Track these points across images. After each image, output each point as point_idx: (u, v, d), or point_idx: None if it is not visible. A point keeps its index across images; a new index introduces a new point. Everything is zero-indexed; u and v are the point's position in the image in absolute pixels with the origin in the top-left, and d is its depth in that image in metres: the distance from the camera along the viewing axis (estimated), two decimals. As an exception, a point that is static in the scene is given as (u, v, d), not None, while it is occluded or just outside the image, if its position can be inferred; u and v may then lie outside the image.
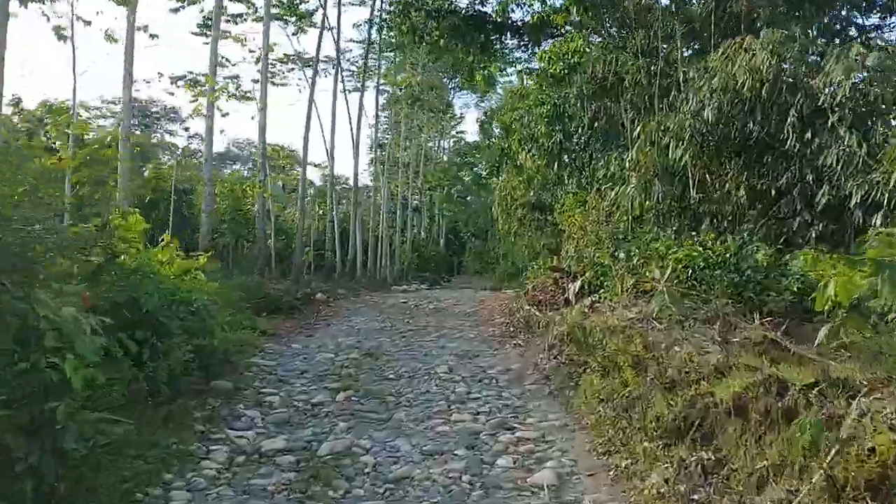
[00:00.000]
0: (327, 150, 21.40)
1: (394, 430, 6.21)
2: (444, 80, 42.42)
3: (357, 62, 28.54)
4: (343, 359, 9.25)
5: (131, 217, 6.47)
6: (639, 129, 11.22)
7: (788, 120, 9.26)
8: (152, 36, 9.45)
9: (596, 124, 15.34)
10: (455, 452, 5.62)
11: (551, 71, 14.65)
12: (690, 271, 8.81)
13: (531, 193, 27.73)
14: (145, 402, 5.93)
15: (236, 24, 21.09)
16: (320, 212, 30.39)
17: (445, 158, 51.50)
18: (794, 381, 5.09)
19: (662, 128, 10.69)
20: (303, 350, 9.98)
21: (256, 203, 16.42)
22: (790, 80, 9.35)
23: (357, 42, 30.32)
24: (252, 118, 15.40)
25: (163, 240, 7.97)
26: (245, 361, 8.72)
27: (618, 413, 6.10)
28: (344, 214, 29.11)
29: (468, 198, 61.36)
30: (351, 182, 26.49)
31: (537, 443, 5.92)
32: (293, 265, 18.35)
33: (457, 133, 52.14)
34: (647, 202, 11.02)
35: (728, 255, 8.87)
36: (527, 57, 24.29)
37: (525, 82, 23.58)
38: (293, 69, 30.75)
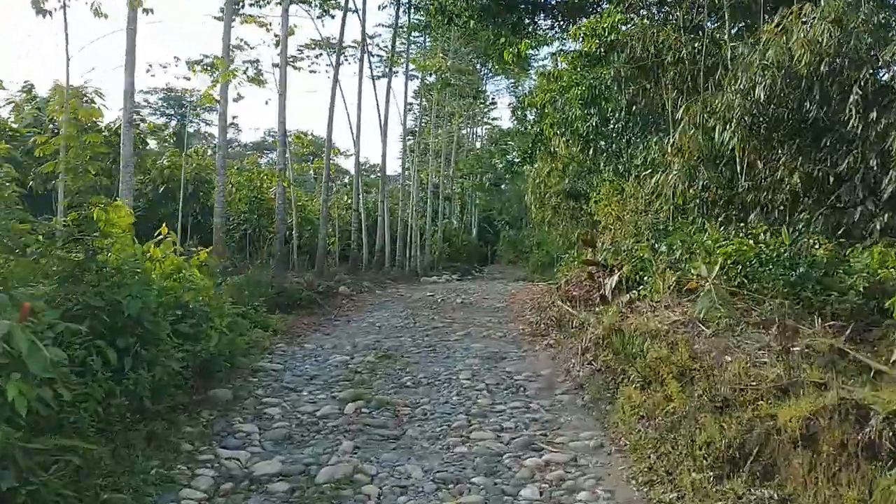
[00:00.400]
0: (354, 137, 20.77)
1: (405, 451, 5.52)
2: (476, 65, 41.61)
3: (385, 46, 27.77)
4: (358, 361, 8.59)
5: (114, 209, 5.82)
6: (682, 111, 10.32)
7: (851, 98, 8.31)
8: (146, 10, 8.72)
9: (634, 107, 14.43)
10: (472, 480, 4.92)
11: (586, 49, 13.74)
12: (740, 268, 7.95)
13: (565, 181, 26.84)
14: (125, 420, 5.31)
15: (260, 7, 20.50)
16: (349, 201, 29.85)
17: (478, 146, 50.67)
18: (875, 406, 4.27)
19: (708, 109, 9.79)
20: (316, 351, 9.34)
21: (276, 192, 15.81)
22: (853, 53, 8.38)
23: (385, 26, 29.56)
24: (267, 103, 14.78)
25: (159, 234, 7.36)
26: (251, 365, 8.11)
27: (661, 434, 5.32)
28: (373, 204, 28.52)
29: (502, 185, 60.57)
30: (386, 171, 25.80)
31: (568, 468, 5.19)
32: (317, 257, 17.76)
33: (489, 119, 51.27)
34: (691, 190, 10.14)
35: (783, 250, 7.98)
36: (561, 38, 23.38)
37: (559, 64, 22.65)
38: (321, 55, 30.26)
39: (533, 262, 36.76)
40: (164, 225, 7.43)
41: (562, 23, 22.20)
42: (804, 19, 8.54)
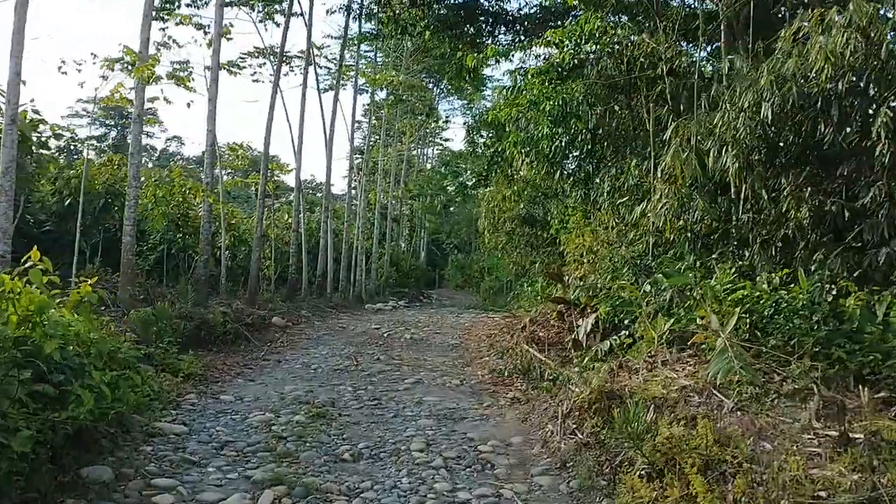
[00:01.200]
0: (295, 151, 19.14)
1: (336, 579, 3.95)
2: (429, 84, 40.43)
3: (334, 58, 26.26)
4: (284, 422, 6.96)
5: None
6: (670, 131, 9.05)
7: (878, 121, 7.10)
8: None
9: (601, 129, 13.25)
10: None
11: (557, 60, 12.50)
12: (753, 318, 6.64)
13: (520, 206, 25.66)
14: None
15: (197, 7, 18.82)
16: (289, 220, 28.05)
17: (429, 167, 49.41)
18: None
19: (703, 129, 8.53)
20: (234, 405, 7.67)
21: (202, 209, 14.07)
22: (883, 68, 7.21)
23: (334, 38, 28.06)
24: (189, 105, 13.05)
25: (28, 259, 5.66)
26: (148, 426, 6.42)
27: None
28: (316, 224, 26.79)
29: (451, 208, 59.46)
30: (330, 189, 24.16)
31: None
32: (249, 282, 16.01)
33: (441, 140, 50.13)
34: (680, 221, 8.85)
35: (802, 297, 6.68)
36: (523, 53, 22.33)
37: (518, 80, 21.48)
38: (264, 63, 28.60)
39: (484, 288, 35.48)
40: (66, 245, 5.70)
41: (523, 38, 21.06)
42: (825, 27, 7.34)
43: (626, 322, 8.92)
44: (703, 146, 8.50)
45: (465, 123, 24.08)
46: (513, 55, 18.51)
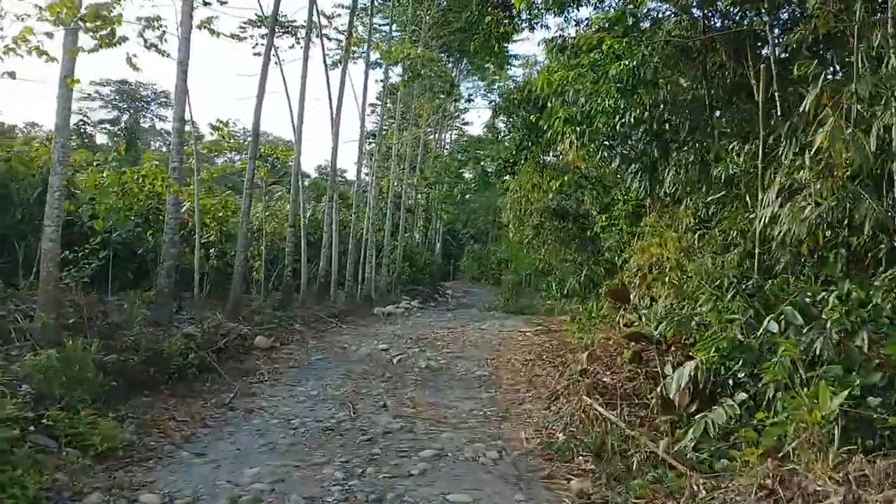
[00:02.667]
0: (294, 132, 16.42)
1: None
2: (448, 63, 37.48)
3: (344, 29, 23.43)
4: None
5: None
6: (809, 101, 6.19)
7: None
8: None
9: (673, 102, 10.40)
10: None
11: (614, 18, 9.72)
12: None
13: (550, 197, 22.81)
14: None
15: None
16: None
17: (446, 152, 46.53)
18: None
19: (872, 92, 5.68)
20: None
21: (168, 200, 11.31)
22: None
23: (345, 7, 25.15)
24: (131, 61, 10.29)
25: None
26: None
27: None
28: (322, 215, 24.05)
29: (467, 196, 56.74)
30: (345, 175, 21.38)
31: None
32: (231, 290, 13.31)
33: (461, 123, 47.20)
34: (830, 231, 6.02)
35: None
36: (559, 22, 19.32)
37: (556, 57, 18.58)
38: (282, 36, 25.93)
39: (506, 285, 32.57)
40: None
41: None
42: None
43: (741, 377, 6.15)
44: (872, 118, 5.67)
45: (490, 103, 21.05)
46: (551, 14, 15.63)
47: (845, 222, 5.86)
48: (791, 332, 6.00)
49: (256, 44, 21.78)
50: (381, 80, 26.05)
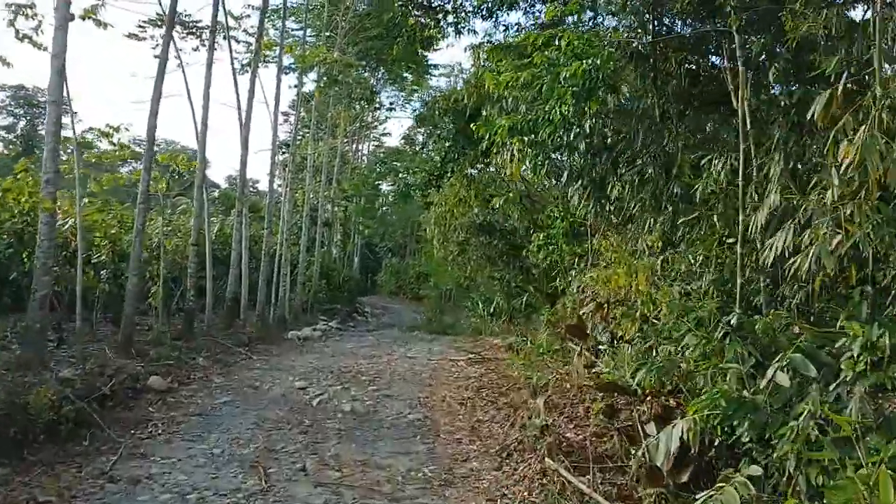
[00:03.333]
0: (198, 140, 14.75)
1: None
2: (364, 73, 36.11)
3: (254, 32, 21.77)
4: None
5: None
6: (818, 103, 5.20)
7: None
8: None
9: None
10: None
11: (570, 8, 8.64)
12: None
13: (474, 212, 21.76)
14: None
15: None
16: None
17: (365, 163, 45.05)
18: None
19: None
20: None
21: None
22: None
23: (255, 7, 23.46)
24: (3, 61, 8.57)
25: None
26: None
27: None
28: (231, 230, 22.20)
29: (385, 209, 55.49)
30: (257, 186, 19.64)
31: None
32: (123, 319, 11.53)
33: (378, 134, 45.83)
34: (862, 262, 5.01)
35: None
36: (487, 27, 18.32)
37: (482, 61, 17.50)
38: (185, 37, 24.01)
39: (430, 304, 31.24)
40: None
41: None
42: None
43: (747, 440, 5.06)
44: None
45: (413, 112, 19.76)
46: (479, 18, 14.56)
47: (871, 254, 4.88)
48: (801, 385, 4.99)
49: (157, 44, 19.99)
50: (295, 86, 24.42)
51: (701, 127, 9.03)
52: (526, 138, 8.94)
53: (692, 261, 7.52)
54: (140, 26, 19.55)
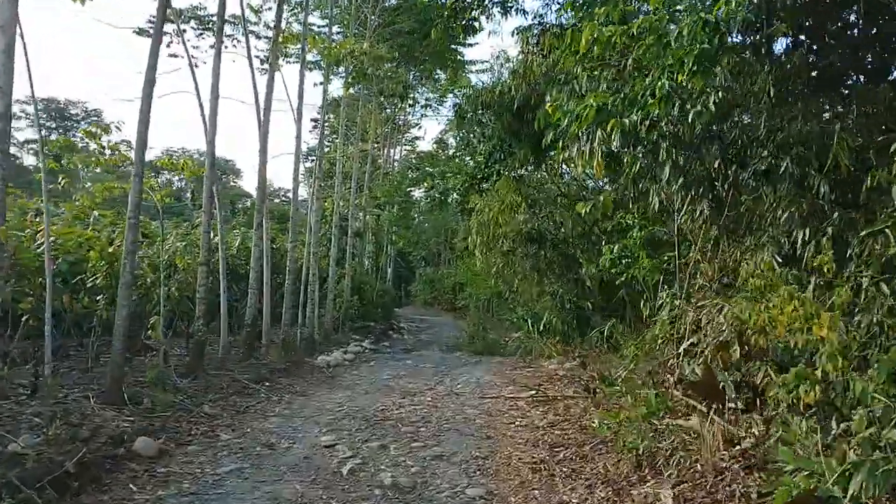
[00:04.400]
0: (206, 137, 12.72)
1: None
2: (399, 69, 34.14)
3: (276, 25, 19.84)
4: None
5: None
6: None
7: None
8: None
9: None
10: None
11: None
12: None
13: (520, 218, 19.57)
14: None
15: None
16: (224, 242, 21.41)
17: (397, 168, 43.04)
18: None
19: None
20: None
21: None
22: None
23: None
24: None
25: None
26: None
27: None
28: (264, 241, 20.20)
29: (419, 217, 53.64)
30: (289, 195, 17.62)
31: None
32: (112, 355, 9.48)
33: (411, 138, 43.79)
34: None
35: None
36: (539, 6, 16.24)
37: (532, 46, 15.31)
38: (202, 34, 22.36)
39: (472, 319, 28.88)
40: None
41: None
42: None
43: None
44: None
45: (452, 108, 17.59)
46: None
47: None
48: None
49: (171, 41, 18.23)
50: (321, 84, 22.41)
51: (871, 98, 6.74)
52: (619, 120, 6.71)
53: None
54: (150, 21, 17.91)
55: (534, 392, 11.72)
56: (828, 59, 8.12)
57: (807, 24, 8.18)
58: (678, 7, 6.38)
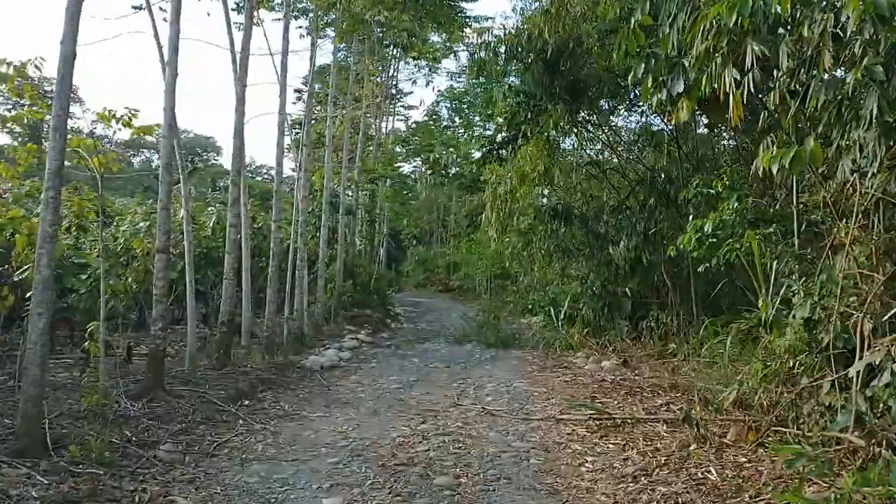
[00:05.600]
0: (165, 84, 9.93)
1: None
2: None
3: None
4: None
5: None
6: None
7: None
8: None
9: None
10: None
11: None
12: None
13: (539, 192, 17.05)
14: None
15: None
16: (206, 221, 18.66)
17: (391, 140, 40.24)
18: None
19: None
20: None
21: None
22: None
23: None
24: None
25: None
26: None
27: None
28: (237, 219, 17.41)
29: (411, 193, 51.13)
30: (242, 167, 14.82)
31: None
32: (23, 389, 6.80)
33: (406, 106, 41.02)
34: None
35: None
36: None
37: None
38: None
39: (485, 305, 26.18)
40: None
41: None
42: None
43: None
44: None
45: (472, 54, 14.86)
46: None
47: None
48: None
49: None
50: (306, 29, 19.52)
51: None
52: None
53: None
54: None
55: (592, 412, 9.13)
56: None
57: None
58: None
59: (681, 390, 10.22)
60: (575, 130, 14.86)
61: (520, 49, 13.34)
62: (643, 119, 16.50)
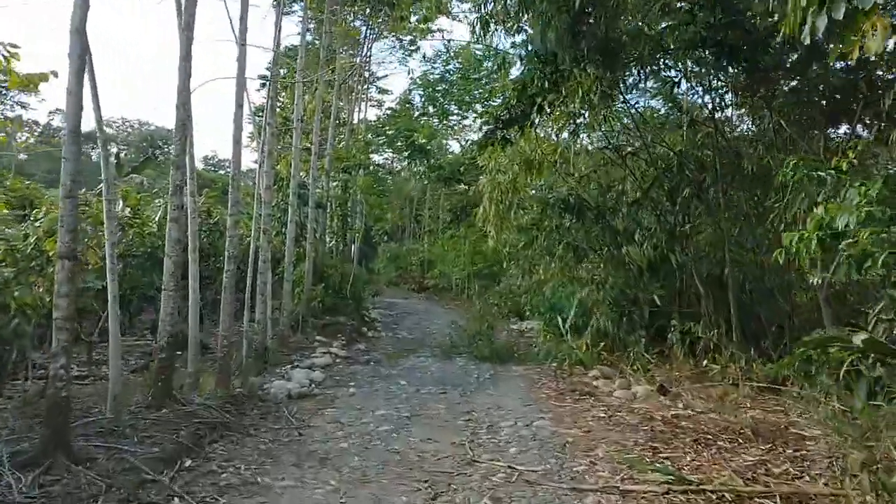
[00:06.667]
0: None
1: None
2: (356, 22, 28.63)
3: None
4: None
5: None
6: None
7: None
8: None
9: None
10: None
11: None
12: None
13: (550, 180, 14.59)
14: None
15: None
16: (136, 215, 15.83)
17: (364, 126, 37.57)
18: None
19: None
20: None
21: None
22: None
23: None
24: None
25: None
26: None
27: None
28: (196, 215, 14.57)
29: (379, 186, 48.50)
30: (190, 147, 12.03)
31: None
32: None
33: (378, 90, 38.38)
34: None
35: None
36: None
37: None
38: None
39: (480, 309, 23.55)
40: None
41: None
42: None
43: None
44: None
45: (477, 18, 12.30)
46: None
47: None
48: None
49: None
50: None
51: None
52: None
53: None
54: None
55: (668, 477, 6.64)
56: None
57: None
58: None
59: (773, 439, 7.79)
60: (607, 104, 12.34)
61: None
62: (679, 92, 14.05)
